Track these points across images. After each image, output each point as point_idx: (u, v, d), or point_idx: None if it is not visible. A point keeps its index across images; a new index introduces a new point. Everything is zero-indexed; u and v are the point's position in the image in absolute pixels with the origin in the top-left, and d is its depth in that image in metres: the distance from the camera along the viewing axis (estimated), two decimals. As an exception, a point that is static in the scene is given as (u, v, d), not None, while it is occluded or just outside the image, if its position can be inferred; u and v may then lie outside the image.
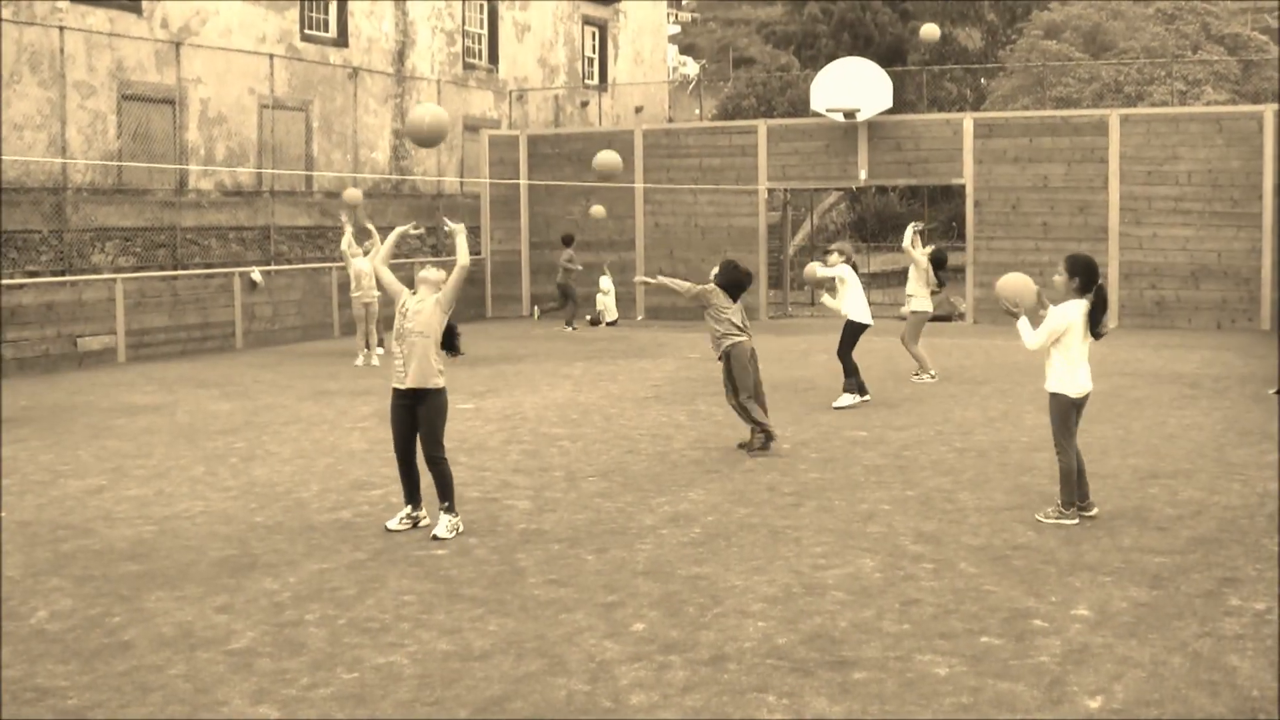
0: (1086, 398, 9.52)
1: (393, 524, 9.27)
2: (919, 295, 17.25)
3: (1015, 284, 9.49)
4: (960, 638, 6.71)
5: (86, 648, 6.71)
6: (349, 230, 20.30)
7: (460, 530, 9.09)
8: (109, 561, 8.44)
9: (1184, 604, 7.26)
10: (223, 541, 8.93)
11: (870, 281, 32.41)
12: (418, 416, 9.09)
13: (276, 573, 8.11)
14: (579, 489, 10.57)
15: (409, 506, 9.33)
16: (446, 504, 9.11)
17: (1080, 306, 9.29)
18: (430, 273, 9.29)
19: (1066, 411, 9.38)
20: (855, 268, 15.58)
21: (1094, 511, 9.34)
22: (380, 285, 9.71)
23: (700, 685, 6.08)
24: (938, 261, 17.35)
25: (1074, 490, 9.24)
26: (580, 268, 26.52)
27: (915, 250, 17.31)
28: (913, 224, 18.10)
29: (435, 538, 8.94)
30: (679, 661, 6.40)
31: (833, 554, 8.43)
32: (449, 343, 9.27)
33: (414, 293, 9.26)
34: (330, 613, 7.26)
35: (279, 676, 6.26)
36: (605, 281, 27.34)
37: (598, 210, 26.05)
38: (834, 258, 15.42)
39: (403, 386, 9.07)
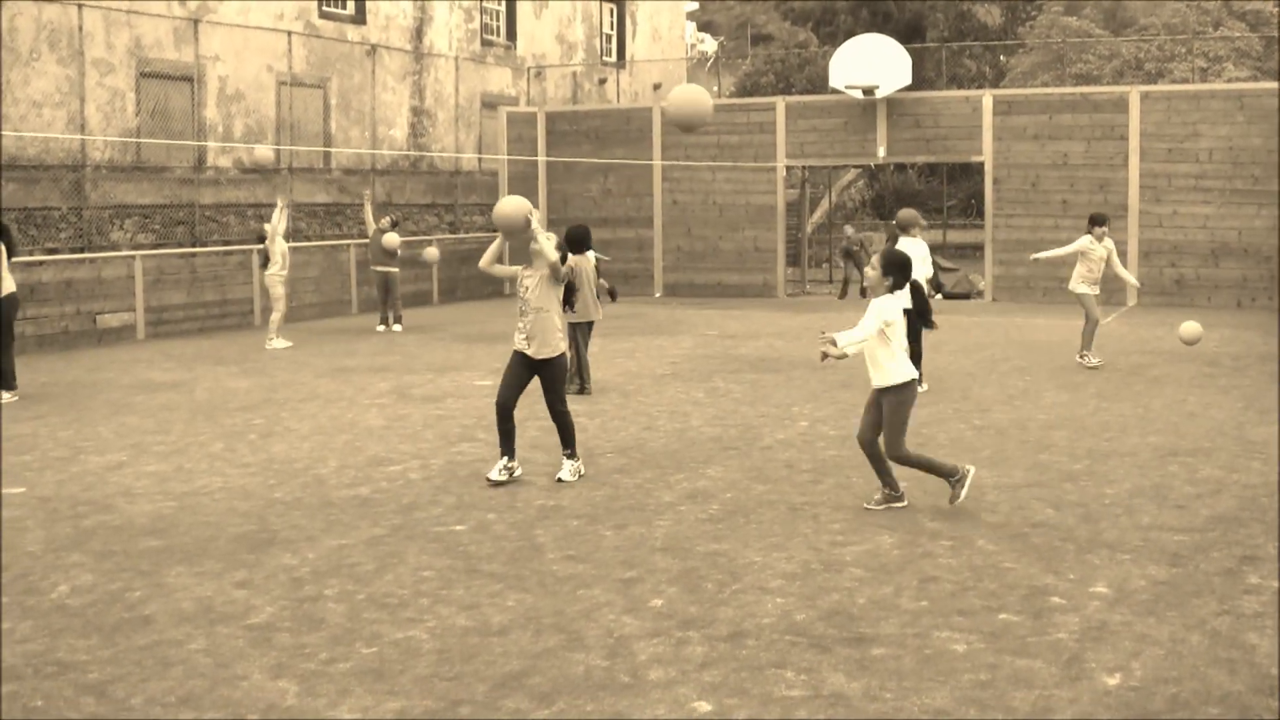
0: None
1: (494, 475, 9.93)
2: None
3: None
4: (978, 614, 6.71)
5: (107, 622, 6.75)
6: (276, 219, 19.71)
7: (582, 474, 10.09)
8: (129, 537, 8.47)
9: (1203, 582, 7.24)
10: (242, 517, 8.96)
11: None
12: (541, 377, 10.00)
13: (295, 548, 8.14)
14: (597, 465, 10.58)
15: (505, 458, 9.98)
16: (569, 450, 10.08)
17: (901, 300, 8.86)
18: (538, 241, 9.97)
19: (909, 402, 8.86)
20: (939, 285, 14.94)
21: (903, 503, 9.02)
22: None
23: (718, 661, 6.09)
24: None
25: (944, 467, 8.93)
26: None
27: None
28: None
29: (560, 480, 9.94)
30: (697, 637, 6.41)
31: (851, 531, 8.43)
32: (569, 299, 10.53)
33: (525, 268, 10.14)
34: (349, 588, 7.28)
35: (298, 651, 6.28)
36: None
37: (431, 253, 23.67)
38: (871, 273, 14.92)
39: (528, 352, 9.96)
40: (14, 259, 15.67)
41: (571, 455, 10.08)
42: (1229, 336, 19.43)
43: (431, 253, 22.06)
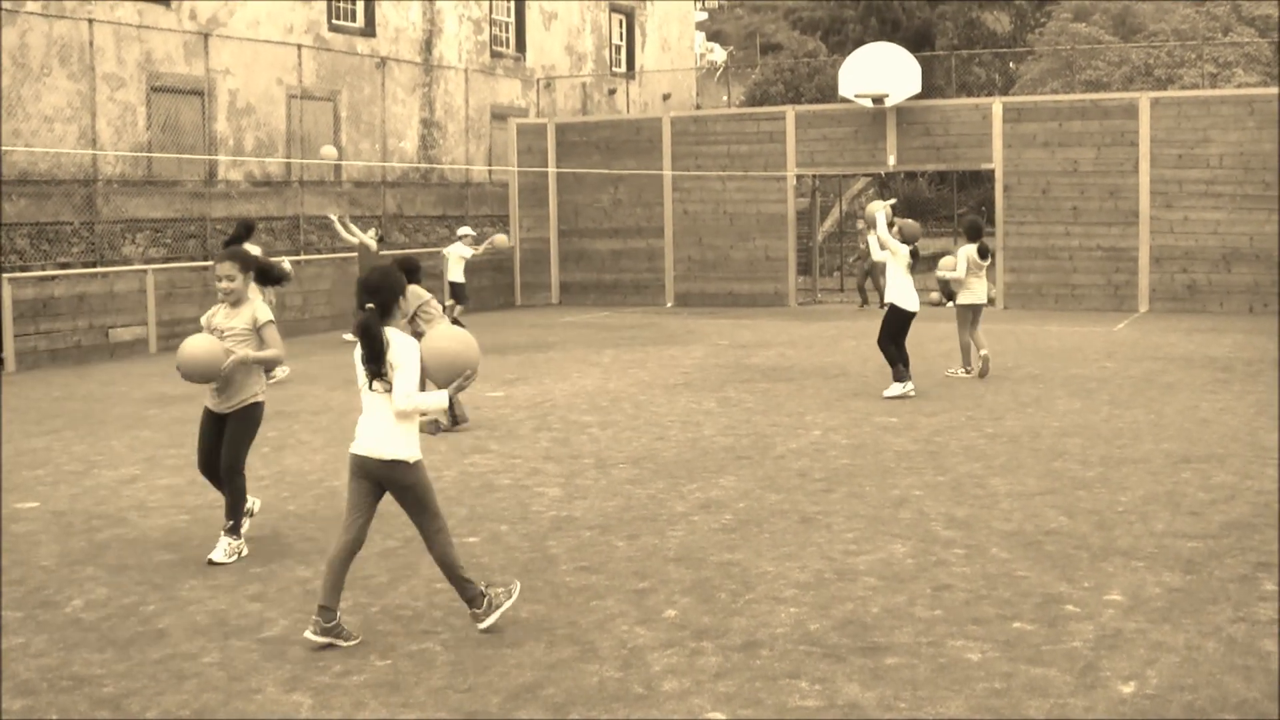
0: None
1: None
2: (970, 285, 15.98)
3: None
4: (992, 623, 6.69)
5: (121, 636, 6.76)
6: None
7: (243, 554, 8.32)
8: (143, 550, 8.49)
9: (1217, 589, 7.22)
10: (255, 530, 8.96)
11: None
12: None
13: (309, 561, 8.15)
14: (609, 476, 10.58)
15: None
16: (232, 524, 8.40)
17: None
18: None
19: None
20: (916, 253, 14.61)
21: None
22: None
23: (732, 671, 6.08)
24: (975, 232, 16.04)
25: None
26: None
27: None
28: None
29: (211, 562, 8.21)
30: (711, 648, 6.40)
31: (864, 540, 8.42)
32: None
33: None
34: (362, 600, 7.29)
35: (312, 664, 6.29)
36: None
37: (328, 151, 22.53)
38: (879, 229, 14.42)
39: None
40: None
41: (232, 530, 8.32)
42: (1241, 342, 19.39)
43: (500, 239, 21.56)
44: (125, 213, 22.92)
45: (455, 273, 22.78)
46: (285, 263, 22.83)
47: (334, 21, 28.31)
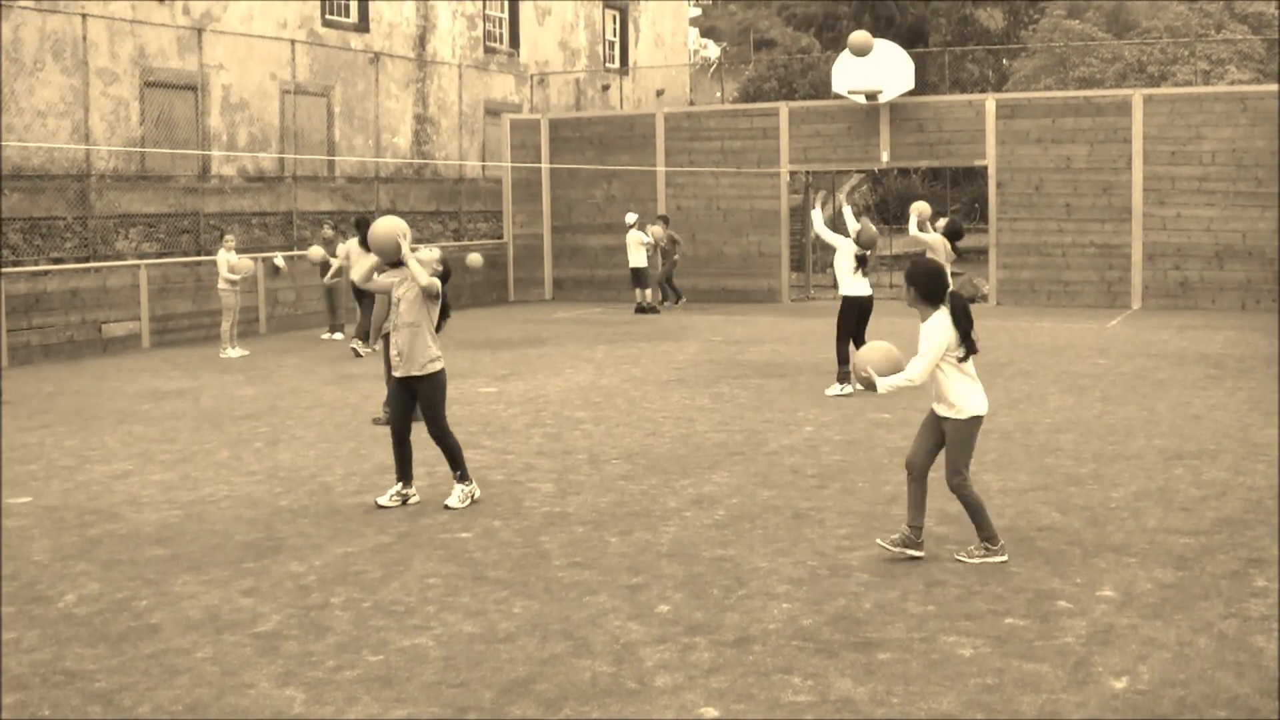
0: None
1: (383, 500, 9.53)
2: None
3: (873, 356, 7.86)
4: (985, 619, 6.71)
5: (114, 631, 6.76)
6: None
7: (476, 498, 9.52)
8: (136, 546, 8.48)
9: (1209, 585, 7.24)
10: (248, 525, 8.97)
11: (894, 263, 32.41)
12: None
13: (302, 556, 8.15)
14: (602, 472, 10.59)
15: (400, 483, 9.61)
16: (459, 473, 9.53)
17: (943, 317, 7.70)
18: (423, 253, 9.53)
19: (976, 435, 7.90)
20: (864, 259, 14.65)
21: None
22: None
23: (725, 667, 6.09)
24: (954, 234, 15.89)
25: (989, 520, 7.86)
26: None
27: (927, 234, 15.69)
28: (916, 206, 16.28)
29: (446, 506, 9.39)
30: (704, 643, 6.41)
31: (857, 535, 8.43)
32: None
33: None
34: (355, 596, 7.29)
35: (305, 659, 6.29)
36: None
37: (475, 259, 22.42)
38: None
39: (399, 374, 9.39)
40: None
41: (462, 478, 9.53)
42: (1233, 339, 19.42)
43: (474, 259, 21.76)
44: (118, 208, 22.90)
45: (636, 259, 25.71)
46: (278, 258, 22.91)
47: (328, 17, 28.28)
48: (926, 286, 7.74)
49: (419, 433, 9.56)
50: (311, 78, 27.49)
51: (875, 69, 26.50)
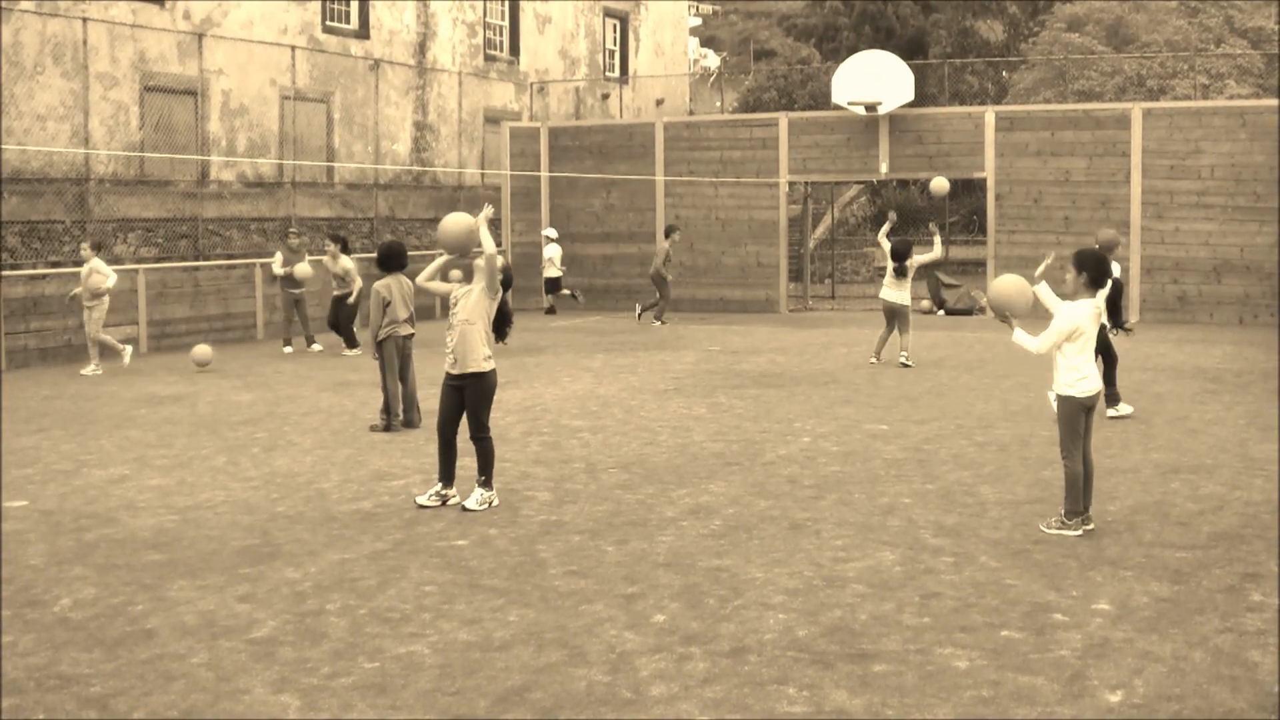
0: (1097, 397, 8.92)
1: (423, 499, 9.71)
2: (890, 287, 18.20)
3: (1008, 290, 8.93)
4: (980, 631, 6.70)
5: (109, 636, 6.75)
6: None
7: (494, 504, 9.64)
8: (132, 550, 8.48)
9: (1205, 599, 7.24)
10: (244, 531, 8.97)
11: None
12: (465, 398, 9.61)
13: (298, 562, 8.14)
14: (599, 481, 10.58)
15: (441, 484, 9.77)
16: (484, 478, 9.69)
17: (1089, 305, 8.82)
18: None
19: (1075, 415, 8.77)
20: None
21: (1091, 525, 8.76)
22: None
23: (721, 677, 6.09)
24: (897, 254, 18.17)
25: (1080, 498, 8.71)
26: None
27: (885, 243, 18.72)
28: (890, 214, 19.86)
29: (464, 508, 9.51)
30: (699, 653, 6.41)
31: (853, 547, 8.43)
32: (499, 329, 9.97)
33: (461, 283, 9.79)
34: (351, 602, 7.29)
35: (300, 665, 6.28)
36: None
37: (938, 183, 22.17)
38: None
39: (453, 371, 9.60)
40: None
41: (485, 483, 9.70)
42: (1231, 353, 19.44)
43: (301, 269, 21.41)
44: (117, 212, 22.91)
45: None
46: (276, 264, 22.88)
47: (328, 23, 28.32)
48: (1096, 270, 8.90)
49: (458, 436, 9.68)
50: (311, 84, 27.51)
51: (875, 80, 26.57)
